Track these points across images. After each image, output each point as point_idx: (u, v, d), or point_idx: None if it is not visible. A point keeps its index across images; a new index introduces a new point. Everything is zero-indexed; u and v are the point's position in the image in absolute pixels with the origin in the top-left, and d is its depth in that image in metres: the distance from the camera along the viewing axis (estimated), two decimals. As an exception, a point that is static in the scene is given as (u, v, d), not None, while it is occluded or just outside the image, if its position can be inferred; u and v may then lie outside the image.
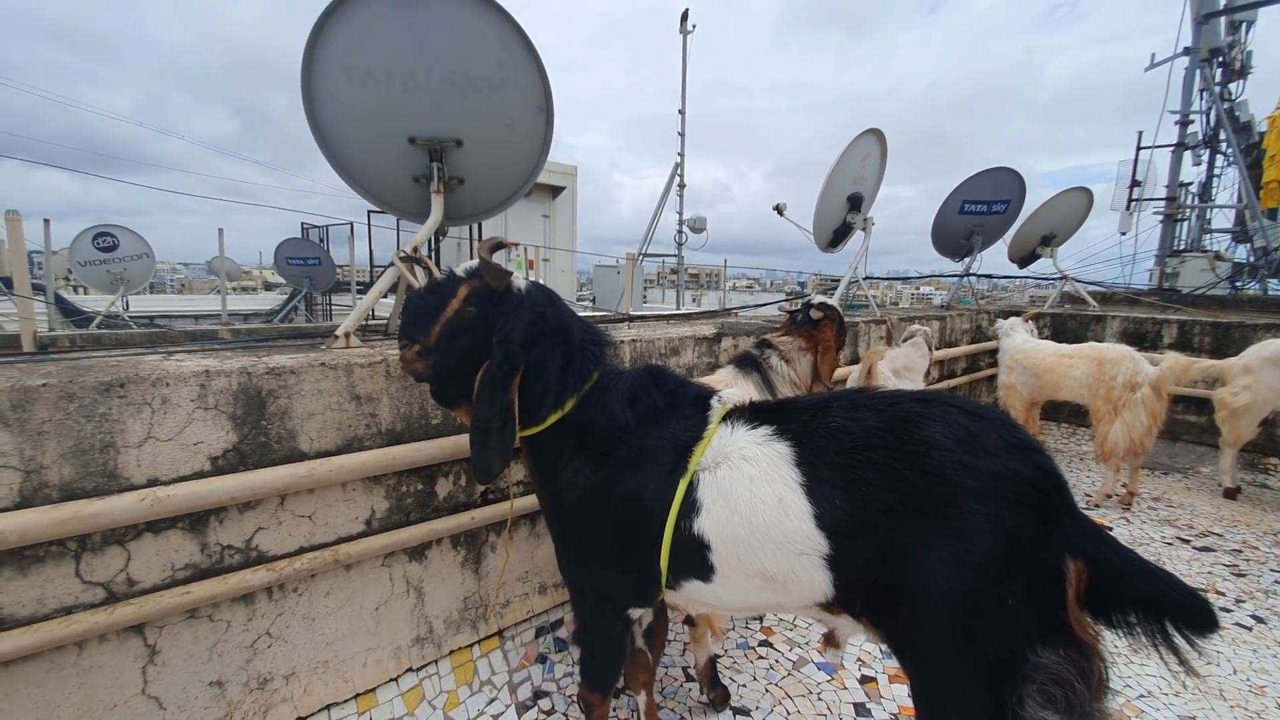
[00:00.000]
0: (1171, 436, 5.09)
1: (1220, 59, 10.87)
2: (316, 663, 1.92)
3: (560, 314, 1.54)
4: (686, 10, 14.02)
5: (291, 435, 1.80)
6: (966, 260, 5.83)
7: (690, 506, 1.35)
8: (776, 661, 2.42)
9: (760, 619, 2.67)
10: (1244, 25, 10.83)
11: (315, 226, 13.27)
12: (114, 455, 1.53)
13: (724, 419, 1.42)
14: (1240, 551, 3.44)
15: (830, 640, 1.75)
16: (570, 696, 2.17)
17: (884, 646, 1.34)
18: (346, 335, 2.15)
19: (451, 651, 2.23)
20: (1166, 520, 3.87)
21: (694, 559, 1.37)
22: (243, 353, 1.96)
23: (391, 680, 2.08)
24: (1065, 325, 5.94)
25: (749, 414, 1.40)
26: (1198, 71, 10.79)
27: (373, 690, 2.03)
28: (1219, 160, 11.52)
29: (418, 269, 2.28)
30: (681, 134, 14.08)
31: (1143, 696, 2.28)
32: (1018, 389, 4.61)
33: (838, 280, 5.08)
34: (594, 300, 14.66)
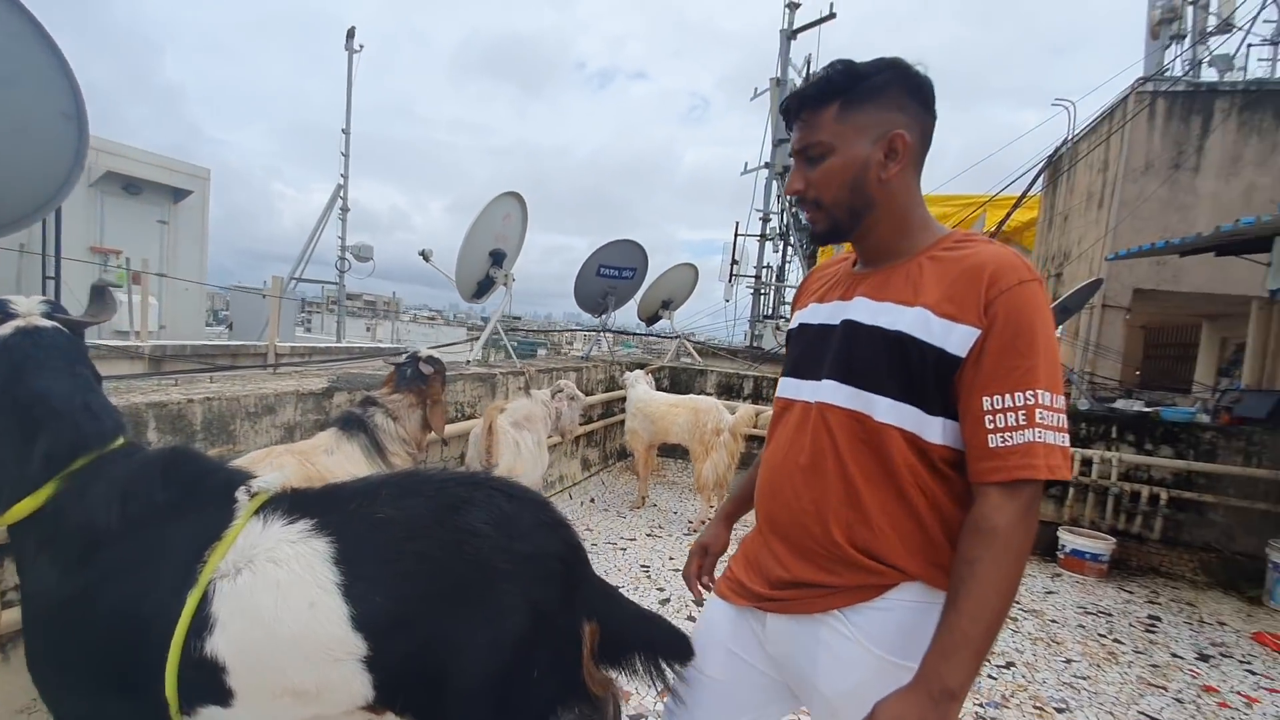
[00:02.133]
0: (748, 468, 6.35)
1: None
2: None
3: (26, 380, 1.22)
4: (353, 28, 13.21)
5: None
6: (603, 317, 6.54)
7: (202, 623, 1.15)
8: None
9: None
10: (805, 152, 14.53)
11: None
12: None
13: (257, 512, 1.25)
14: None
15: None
16: None
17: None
18: None
19: None
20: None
21: (207, 683, 1.16)
22: None
23: None
24: (680, 377, 7.03)
25: (288, 505, 1.26)
26: (773, 182, 14.13)
27: None
28: (789, 250, 15.18)
29: None
30: (346, 155, 13.07)
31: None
32: (640, 433, 5.26)
33: (507, 318, 5.20)
34: (230, 328, 12.32)
